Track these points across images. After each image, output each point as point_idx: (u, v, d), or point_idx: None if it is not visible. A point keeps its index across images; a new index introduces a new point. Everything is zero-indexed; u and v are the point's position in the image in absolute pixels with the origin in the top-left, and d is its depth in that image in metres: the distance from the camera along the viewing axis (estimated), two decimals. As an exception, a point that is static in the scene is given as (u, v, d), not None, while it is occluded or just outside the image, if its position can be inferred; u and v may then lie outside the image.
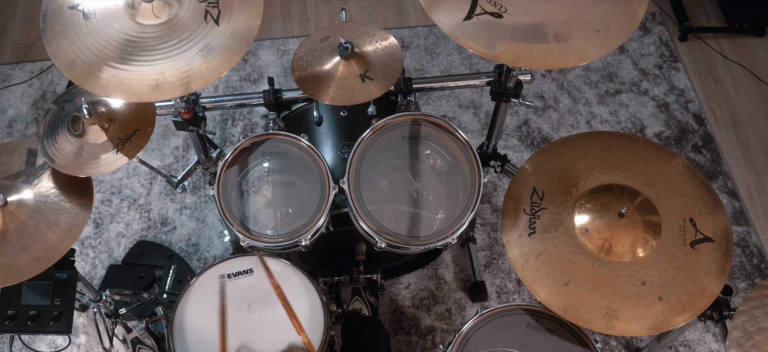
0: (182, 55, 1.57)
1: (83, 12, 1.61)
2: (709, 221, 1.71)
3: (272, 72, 3.27)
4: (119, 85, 1.54)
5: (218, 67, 1.57)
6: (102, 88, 1.54)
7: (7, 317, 1.81)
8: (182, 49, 1.58)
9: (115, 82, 1.54)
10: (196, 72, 1.56)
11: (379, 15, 3.51)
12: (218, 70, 1.57)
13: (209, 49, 1.58)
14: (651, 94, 3.17)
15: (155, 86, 1.54)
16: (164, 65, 1.56)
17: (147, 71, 1.55)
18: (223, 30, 1.61)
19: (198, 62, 1.57)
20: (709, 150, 2.99)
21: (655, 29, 3.41)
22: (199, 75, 1.56)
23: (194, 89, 1.54)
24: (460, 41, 1.54)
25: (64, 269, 1.80)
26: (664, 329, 1.62)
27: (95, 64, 1.55)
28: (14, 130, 3.10)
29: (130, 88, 1.54)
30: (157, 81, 1.54)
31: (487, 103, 3.13)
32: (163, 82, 1.54)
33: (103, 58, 1.56)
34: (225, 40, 1.60)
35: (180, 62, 1.56)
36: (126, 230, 2.81)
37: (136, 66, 1.56)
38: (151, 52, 1.58)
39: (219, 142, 3.01)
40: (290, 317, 1.75)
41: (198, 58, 1.57)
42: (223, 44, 1.59)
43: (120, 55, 1.56)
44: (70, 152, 1.72)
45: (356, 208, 1.79)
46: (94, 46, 1.57)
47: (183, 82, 1.54)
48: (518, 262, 1.71)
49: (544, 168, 1.83)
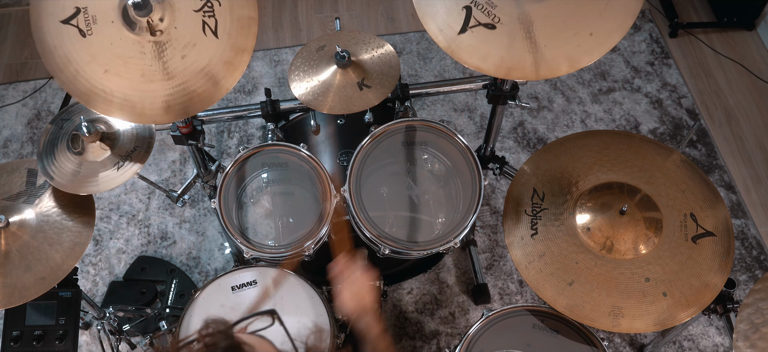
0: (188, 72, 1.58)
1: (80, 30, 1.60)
2: (709, 215, 1.72)
3: (266, 83, 3.27)
4: (133, 109, 1.55)
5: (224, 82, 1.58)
6: (116, 111, 1.55)
7: (12, 338, 1.81)
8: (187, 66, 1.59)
9: (128, 106, 1.55)
10: (203, 90, 1.57)
11: (371, 22, 3.52)
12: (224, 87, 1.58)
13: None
14: (644, 91, 3.18)
15: (167, 107, 1.55)
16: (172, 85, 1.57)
17: (156, 92, 1.56)
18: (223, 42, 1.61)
19: (203, 81, 1.58)
20: (704, 145, 3.00)
21: (645, 26, 3.43)
22: (207, 94, 1.57)
23: (203, 108, 1.55)
24: (455, 56, 1.54)
25: (68, 288, 1.80)
26: (670, 324, 1.63)
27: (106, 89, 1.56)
28: (10, 150, 3.09)
29: (142, 112, 1.55)
30: (168, 103, 1.55)
31: (482, 106, 3.14)
32: (174, 104, 1.55)
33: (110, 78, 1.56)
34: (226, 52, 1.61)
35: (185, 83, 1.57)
36: (126, 246, 2.80)
37: (145, 84, 1.57)
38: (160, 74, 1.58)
39: (216, 155, 3.01)
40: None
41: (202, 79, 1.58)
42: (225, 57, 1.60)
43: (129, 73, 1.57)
44: (69, 170, 1.72)
45: (358, 215, 1.79)
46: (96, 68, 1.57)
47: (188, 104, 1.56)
48: (522, 263, 1.72)
49: (543, 169, 1.84)
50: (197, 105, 1.56)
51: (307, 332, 1.09)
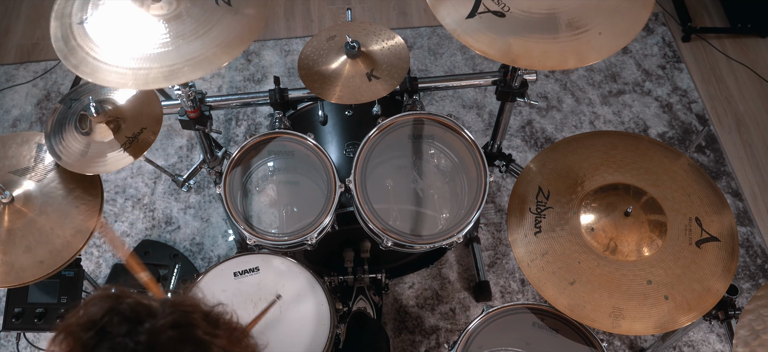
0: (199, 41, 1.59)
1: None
2: (714, 221, 1.71)
3: (275, 72, 3.27)
4: (135, 75, 1.55)
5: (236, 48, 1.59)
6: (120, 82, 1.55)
7: (14, 314, 1.82)
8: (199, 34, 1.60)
9: (130, 74, 1.55)
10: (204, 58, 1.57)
11: (383, 15, 3.52)
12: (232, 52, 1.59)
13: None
14: (654, 95, 3.17)
15: (171, 72, 1.55)
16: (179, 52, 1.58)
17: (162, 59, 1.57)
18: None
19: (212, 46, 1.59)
20: (713, 150, 2.99)
21: (658, 30, 3.41)
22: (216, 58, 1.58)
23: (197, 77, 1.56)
24: (461, 39, 1.54)
25: (71, 267, 1.81)
26: (670, 328, 1.62)
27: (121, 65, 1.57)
28: (18, 130, 3.10)
29: (147, 77, 1.55)
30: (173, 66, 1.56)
31: (490, 103, 3.13)
32: (181, 66, 1.56)
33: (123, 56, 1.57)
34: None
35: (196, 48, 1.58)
36: (130, 230, 2.81)
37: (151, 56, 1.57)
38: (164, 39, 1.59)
39: (222, 142, 3.01)
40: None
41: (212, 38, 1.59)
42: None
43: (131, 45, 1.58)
44: (77, 150, 1.73)
45: (362, 207, 1.79)
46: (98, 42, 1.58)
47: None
48: (524, 261, 1.72)
49: (549, 167, 1.84)
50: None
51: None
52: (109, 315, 0.92)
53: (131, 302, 0.94)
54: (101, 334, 0.91)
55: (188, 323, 0.95)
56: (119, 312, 0.92)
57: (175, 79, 1.53)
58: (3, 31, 3.47)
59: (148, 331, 0.91)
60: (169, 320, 0.93)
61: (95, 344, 0.90)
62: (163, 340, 0.91)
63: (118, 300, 0.95)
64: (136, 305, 0.94)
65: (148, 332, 0.91)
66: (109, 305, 0.94)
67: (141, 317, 0.93)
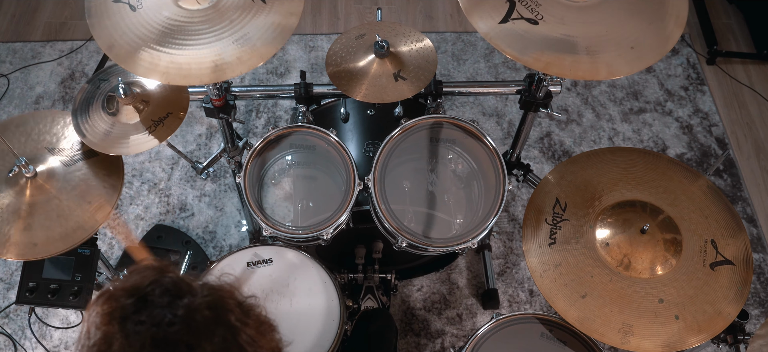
0: (233, 36, 1.62)
1: (130, 4, 1.64)
2: (730, 244, 1.71)
3: (299, 67, 3.29)
4: (179, 70, 1.59)
5: (267, 50, 1.62)
6: (162, 75, 1.58)
7: (28, 288, 1.84)
8: (233, 30, 1.63)
9: (174, 68, 1.58)
10: (253, 47, 1.61)
11: (409, 17, 3.53)
12: (268, 51, 1.62)
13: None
14: (675, 115, 3.16)
15: (215, 67, 1.58)
16: (219, 47, 1.61)
17: (204, 54, 1.60)
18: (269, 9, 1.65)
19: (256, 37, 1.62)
20: (730, 175, 2.98)
21: (683, 51, 3.40)
22: (257, 53, 1.61)
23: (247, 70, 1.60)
24: (493, 43, 1.56)
25: (87, 246, 1.82)
26: (678, 348, 1.62)
27: (152, 52, 1.60)
28: (41, 107, 3.14)
29: (189, 72, 1.58)
30: (216, 62, 1.59)
31: (510, 112, 3.13)
32: (222, 63, 1.59)
33: (151, 42, 1.60)
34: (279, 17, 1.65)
35: (231, 43, 1.61)
36: (145, 213, 2.84)
37: (190, 50, 1.60)
38: (203, 35, 1.62)
39: (242, 133, 3.03)
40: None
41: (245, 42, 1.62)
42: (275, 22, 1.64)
43: (171, 40, 1.61)
44: (102, 130, 1.74)
45: (380, 206, 1.80)
46: (145, 34, 1.61)
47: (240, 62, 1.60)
48: (537, 271, 1.72)
49: (568, 179, 1.84)
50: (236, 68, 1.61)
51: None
52: (152, 286, 0.96)
53: (174, 277, 0.99)
54: (142, 301, 0.95)
55: (223, 306, 0.99)
56: (162, 284, 0.97)
57: (219, 76, 1.59)
58: (32, 9, 3.51)
59: (187, 306, 0.95)
60: (207, 300, 0.97)
61: (135, 311, 0.94)
62: (199, 318, 0.95)
63: (162, 273, 1.00)
64: (178, 280, 0.99)
65: (186, 307, 0.95)
66: (153, 277, 0.98)
67: (182, 292, 0.97)
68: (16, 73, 3.25)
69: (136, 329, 0.93)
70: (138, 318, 0.93)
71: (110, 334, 0.94)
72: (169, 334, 0.93)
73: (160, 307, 0.94)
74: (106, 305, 0.96)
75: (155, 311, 0.94)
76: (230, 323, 0.98)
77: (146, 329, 0.92)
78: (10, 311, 2.56)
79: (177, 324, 0.93)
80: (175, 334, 0.93)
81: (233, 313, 0.99)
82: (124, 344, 0.92)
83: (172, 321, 0.93)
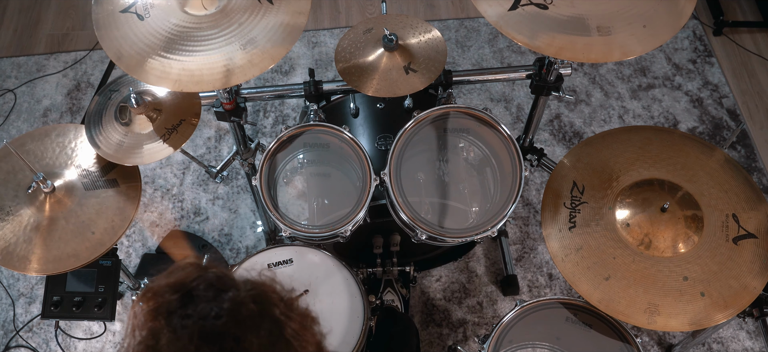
0: (242, 40, 1.61)
1: (137, 13, 1.63)
2: (752, 217, 1.70)
3: (303, 64, 3.28)
4: (191, 76, 1.58)
5: (278, 51, 1.61)
6: (173, 83, 1.57)
7: (52, 303, 1.85)
8: (242, 32, 1.62)
9: (186, 75, 1.58)
10: (263, 51, 1.60)
11: (410, 7, 3.51)
12: (278, 52, 1.60)
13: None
14: (684, 89, 3.14)
15: (226, 72, 1.57)
16: (229, 50, 1.60)
17: (215, 59, 1.59)
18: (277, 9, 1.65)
19: (263, 42, 1.61)
20: (744, 146, 2.96)
21: (690, 23, 3.37)
22: (268, 54, 1.60)
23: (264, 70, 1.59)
24: (504, 31, 1.54)
25: (108, 257, 1.83)
26: (705, 325, 1.61)
27: (163, 60, 1.59)
28: (49, 120, 3.14)
29: (201, 78, 1.57)
30: (227, 67, 1.58)
31: (518, 97, 3.12)
32: (233, 67, 1.58)
33: (161, 50, 1.59)
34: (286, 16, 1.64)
35: (241, 47, 1.60)
36: (159, 220, 2.84)
37: (200, 56, 1.60)
38: (213, 40, 1.61)
39: (251, 133, 3.03)
40: None
41: (255, 45, 1.61)
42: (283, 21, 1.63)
43: (180, 46, 1.60)
44: (115, 141, 1.75)
45: (397, 199, 1.80)
46: (154, 42, 1.61)
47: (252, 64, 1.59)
48: (558, 256, 1.71)
49: (584, 162, 1.83)
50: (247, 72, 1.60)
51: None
52: (196, 281, 0.97)
53: (217, 272, 0.99)
54: (187, 297, 0.95)
55: (268, 300, 0.99)
56: (206, 279, 0.97)
57: (229, 81, 1.57)
58: (34, 21, 3.51)
59: (232, 299, 0.95)
60: (251, 294, 0.98)
61: (180, 306, 0.94)
62: (245, 312, 0.95)
63: (205, 269, 1.00)
64: (222, 275, 0.99)
65: (232, 300, 0.95)
66: (198, 273, 0.98)
67: (226, 286, 0.97)
68: (22, 87, 3.25)
69: (183, 323, 0.93)
70: (184, 312, 0.93)
71: (157, 329, 0.94)
72: (216, 327, 0.93)
73: (205, 301, 0.95)
74: (151, 301, 0.96)
75: (201, 305, 0.94)
76: (275, 316, 0.98)
77: (193, 323, 0.92)
78: (33, 325, 2.57)
79: (224, 317, 0.93)
80: (223, 326, 0.93)
81: (278, 307, 0.99)
82: (171, 338, 0.92)
83: (219, 314, 0.93)
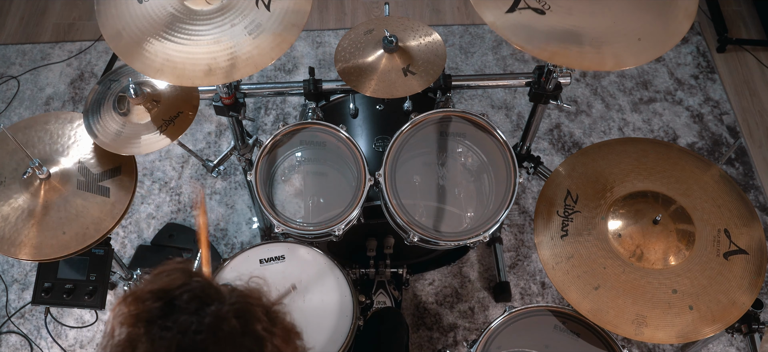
0: (234, 38, 1.61)
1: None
2: (743, 233, 1.70)
3: (306, 63, 3.29)
4: (173, 69, 1.58)
5: (269, 53, 1.60)
6: (155, 72, 1.57)
7: (43, 289, 1.85)
8: (234, 31, 1.62)
9: (169, 67, 1.58)
10: (248, 57, 1.59)
11: (416, 12, 3.52)
12: (269, 55, 1.60)
13: (259, 28, 1.62)
14: (685, 104, 3.14)
15: (208, 71, 1.57)
16: (215, 47, 1.60)
17: (200, 55, 1.59)
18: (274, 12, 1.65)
19: (248, 47, 1.60)
20: (742, 163, 2.96)
21: (693, 39, 3.38)
22: (251, 60, 1.59)
23: (241, 76, 1.57)
24: (500, 33, 1.54)
25: (101, 246, 1.84)
26: (693, 338, 1.61)
27: (155, 50, 1.60)
28: (51, 108, 3.16)
29: (183, 72, 1.58)
30: (210, 66, 1.58)
31: (519, 104, 3.12)
32: (216, 67, 1.58)
33: (154, 36, 1.60)
34: (276, 22, 1.64)
35: (230, 45, 1.60)
36: (156, 212, 2.85)
37: (189, 47, 1.60)
38: (204, 35, 1.61)
39: (251, 130, 3.04)
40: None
41: (248, 41, 1.60)
42: (273, 28, 1.63)
43: (174, 35, 1.61)
44: (113, 130, 1.76)
45: (391, 201, 1.80)
46: (148, 29, 1.61)
47: (230, 66, 1.58)
48: (549, 263, 1.72)
49: (579, 171, 1.83)
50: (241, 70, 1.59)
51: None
52: (180, 290, 0.95)
53: (202, 282, 0.97)
54: (169, 306, 0.94)
55: (251, 315, 0.97)
56: (190, 289, 0.95)
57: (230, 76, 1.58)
58: (40, 10, 3.53)
59: (214, 314, 0.94)
60: (235, 308, 0.95)
61: (161, 315, 0.93)
62: (226, 328, 0.93)
63: (191, 277, 0.98)
64: (206, 286, 0.97)
65: (214, 315, 0.94)
66: (183, 280, 0.97)
67: (210, 299, 0.96)
68: (26, 74, 3.27)
69: (162, 334, 0.92)
70: (164, 323, 0.92)
71: (135, 336, 0.93)
72: (195, 342, 0.91)
73: (187, 313, 0.93)
74: (132, 306, 0.95)
75: (182, 317, 0.93)
76: (257, 333, 0.96)
77: (172, 336, 0.91)
78: (25, 311, 2.58)
79: (203, 332, 0.92)
80: (201, 342, 0.92)
81: (260, 322, 0.97)
82: (148, 348, 0.91)
83: (199, 329, 0.92)
